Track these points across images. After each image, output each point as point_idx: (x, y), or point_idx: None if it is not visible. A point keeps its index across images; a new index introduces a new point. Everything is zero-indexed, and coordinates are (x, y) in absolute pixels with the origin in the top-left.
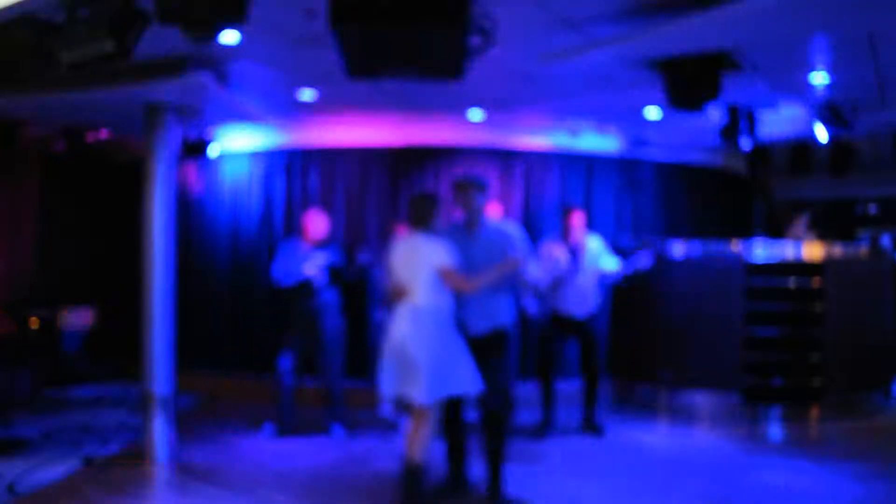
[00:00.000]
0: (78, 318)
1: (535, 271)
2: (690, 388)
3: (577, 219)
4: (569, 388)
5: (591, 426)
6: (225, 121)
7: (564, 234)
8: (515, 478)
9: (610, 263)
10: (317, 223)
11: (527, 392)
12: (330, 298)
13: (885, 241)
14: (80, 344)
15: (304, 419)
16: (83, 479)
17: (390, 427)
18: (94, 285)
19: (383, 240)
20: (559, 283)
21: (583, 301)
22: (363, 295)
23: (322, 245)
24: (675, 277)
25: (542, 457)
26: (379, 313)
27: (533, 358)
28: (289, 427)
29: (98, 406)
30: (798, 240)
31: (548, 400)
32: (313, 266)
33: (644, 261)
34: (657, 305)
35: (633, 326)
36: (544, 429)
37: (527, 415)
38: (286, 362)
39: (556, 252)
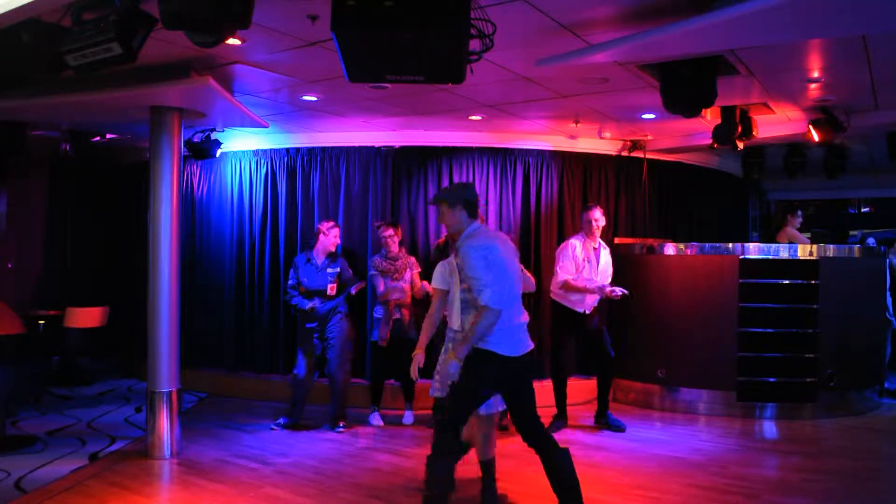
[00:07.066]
0: (84, 318)
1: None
2: (685, 387)
3: (598, 215)
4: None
5: (609, 423)
6: (228, 122)
7: (587, 231)
8: (512, 470)
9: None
10: (331, 235)
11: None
12: (338, 303)
13: (871, 241)
14: (86, 343)
15: (310, 416)
16: (89, 476)
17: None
18: (101, 285)
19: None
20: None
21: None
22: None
23: (334, 256)
24: (671, 276)
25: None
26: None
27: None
28: (298, 423)
29: (103, 404)
30: (792, 239)
31: (561, 395)
32: (331, 291)
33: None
34: (653, 304)
35: (629, 325)
36: (557, 423)
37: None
38: (299, 363)
39: (580, 251)
